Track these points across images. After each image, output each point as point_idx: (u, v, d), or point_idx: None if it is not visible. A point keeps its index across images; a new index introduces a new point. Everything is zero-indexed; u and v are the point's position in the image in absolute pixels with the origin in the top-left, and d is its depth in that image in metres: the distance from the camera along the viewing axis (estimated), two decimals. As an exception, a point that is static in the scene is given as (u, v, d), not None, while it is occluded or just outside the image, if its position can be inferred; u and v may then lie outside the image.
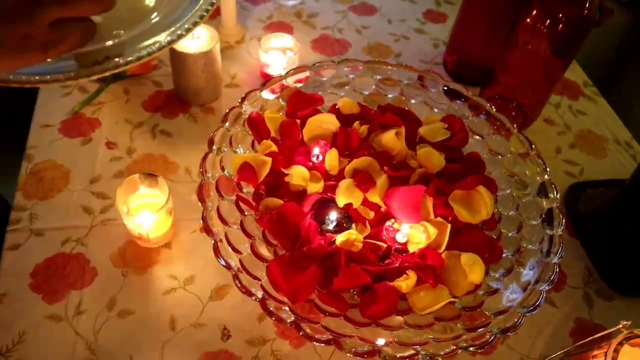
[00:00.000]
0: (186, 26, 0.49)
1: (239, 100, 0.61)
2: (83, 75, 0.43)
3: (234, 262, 0.50)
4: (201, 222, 0.51)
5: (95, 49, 0.45)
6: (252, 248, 0.52)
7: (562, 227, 0.54)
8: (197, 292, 0.58)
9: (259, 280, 0.49)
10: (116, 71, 0.44)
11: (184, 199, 0.65)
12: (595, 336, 0.47)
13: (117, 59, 0.45)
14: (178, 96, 0.77)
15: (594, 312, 0.60)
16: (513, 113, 0.78)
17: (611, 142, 0.80)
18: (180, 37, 0.48)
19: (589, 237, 0.65)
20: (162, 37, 0.48)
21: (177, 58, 0.71)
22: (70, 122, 0.72)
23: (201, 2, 0.51)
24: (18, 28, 0.35)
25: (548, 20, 0.65)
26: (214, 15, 0.89)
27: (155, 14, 0.51)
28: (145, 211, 0.58)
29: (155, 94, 0.77)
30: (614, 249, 0.64)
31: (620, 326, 0.44)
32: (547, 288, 0.49)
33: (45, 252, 0.59)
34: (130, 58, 0.45)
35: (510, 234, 0.57)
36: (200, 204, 0.52)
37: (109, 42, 0.46)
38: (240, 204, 0.56)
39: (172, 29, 0.49)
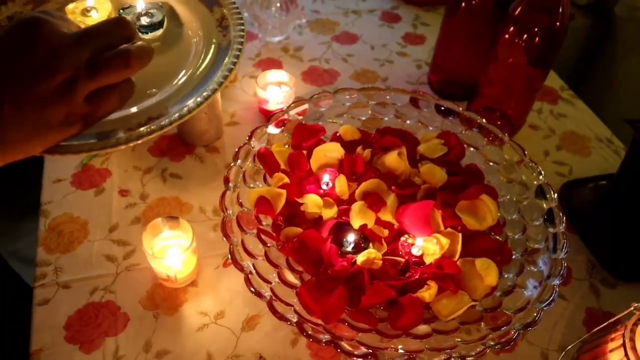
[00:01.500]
0: (224, 74, 0.51)
1: (247, 138, 0.65)
2: (134, 138, 0.45)
3: (266, 292, 0.52)
4: (228, 256, 0.54)
5: (139, 111, 0.47)
6: (280, 277, 0.55)
7: (564, 225, 0.58)
8: (229, 325, 0.60)
9: (292, 305, 0.52)
10: (161, 132, 0.46)
11: (202, 237, 0.68)
12: (610, 321, 0.51)
13: (161, 120, 0.47)
14: (182, 139, 0.80)
15: (601, 300, 0.64)
16: (499, 122, 0.83)
17: (593, 141, 0.85)
18: (214, 91, 0.50)
19: (587, 231, 0.70)
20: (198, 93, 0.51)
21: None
22: (81, 175, 0.75)
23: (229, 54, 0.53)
24: (58, 109, 0.39)
25: (524, 35, 0.71)
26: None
27: (183, 72, 0.54)
28: (171, 253, 0.60)
29: (160, 139, 0.80)
30: (612, 239, 0.68)
31: (632, 308, 0.47)
32: (558, 282, 0.53)
33: (75, 303, 0.61)
34: (174, 117, 0.47)
35: (516, 236, 0.61)
36: (225, 239, 0.55)
37: (148, 103, 0.49)
38: (262, 236, 0.59)
39: (209, 82, 0.51)
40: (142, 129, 0.47)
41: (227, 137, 0.81)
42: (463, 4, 0.79)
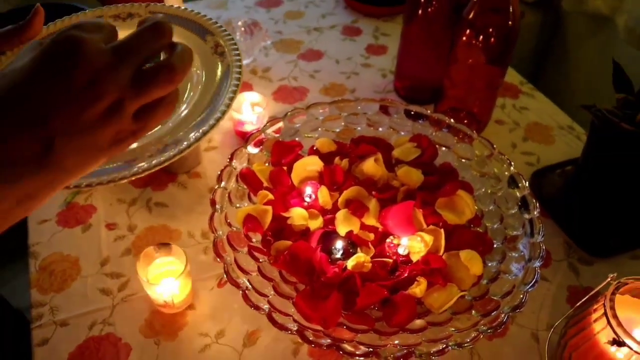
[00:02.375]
0: (225, 101, 0.53)
1: (228, 159, 0.67)
2: (155, 166, 0.46)
3: (264, 305, 0.54)
4: (223, 276, 0.55)
5: (154, 139, 0.48)
6: (276, 289, 0.57)
7: (538, 210, 0.61)
8: (230, 343, 0.61)
9: (290, 315, 0.54)
10: (175, 158, 0.47)
11: (194, 260, 0.69)
12: (590, 294, 0.54)
13: (177, 146, 0.47)
14: (163, 168, 0.81)
15: (581, 277, 0.67)
16: (465, 121, 0.87)
17: (556, 129, 0.90)
18: (218, 119, 0.51)
19: (560, 214, 0.73)
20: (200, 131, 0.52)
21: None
22: (66, 213, 0.75)
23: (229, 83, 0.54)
24: (107, 131, 0.37)
25: (480, 36, 0.75)
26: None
27: (185, 106, 0.56)
28: (166, 279, 0.61)
29: (141, 170, 0.81)
30: (583, 220, 0.72)
31: (609, 279, 0.51)
32: (539, 264, 0.56)
33: (74, 339, 0.62)
34: (185, 144, 0.47)
35: (495, 226, 0.64)
36: (218, 260, 0.57)
37: (161, 131, 0.50)
38: (254, 252, 0.60)
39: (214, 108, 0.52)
40: (170, 152, 0.47)
41: (207, 162, 0.83)
42: (420, 12, 0.83)
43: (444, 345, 0.50)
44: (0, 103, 0.32)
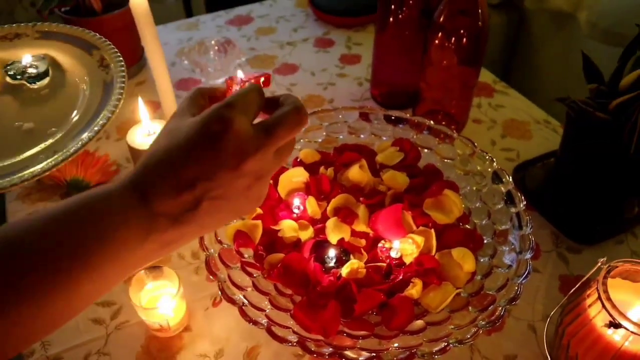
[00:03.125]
0: (101, 122, 0.59)
1: (214, 178, 0.66)
2: (41, 172, 0.54)
3: (263, 319, 0.54)
4: (219, 293, 0.55)
5: (45, 147, 0.57)
6: (272, 303, 0.57)
7: (524, 203, 0.62)
8: (230, 361, 0.61)
9: (290, 327, 0.54)
10: (58, 166, 0.55)
11: (186, 281, 0.68)
12: (582, 280, 0.55)
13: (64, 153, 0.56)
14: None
15: (571, 266, 0.69)
16: (443, 123, 0.88)
17: (532, 124, 0.91)
18: (97, 132, 0.59)
19: (545, 206, 0.75)
20: (85, 135, 0.59)
21: (138, 155, 0.75)
22: (51, 246, 0.74)
23: (112, 98, 0.62)
24: (248, 200, 0.42)
25: (452, 38, 0.76)
26: (155, 108, 0.94)
27: (75, 112, 0.63)
28: (160, 302, 0.61)
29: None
30: (568, 209, 0.73)
31: (599, 264, 0.51)
32: (530, 256, 0.57)
33: (70, 373, 0.60)
34: (67, 152, 0.56)
35: (483, 222, 0.65)
36: (212, 277, 0.56)
37: (50, 141, 0.59)
38: (247, 268, 0.60)
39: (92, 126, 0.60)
40: (50, 160, 0.55)
41: (191, 182, 0.82)
42: (391, 19, 0.84)
43: (445, 344, 0.51)
44: (169, 162, 0.38)
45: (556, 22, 1.37)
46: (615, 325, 0.47)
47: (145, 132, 0.76)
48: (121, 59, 0.65)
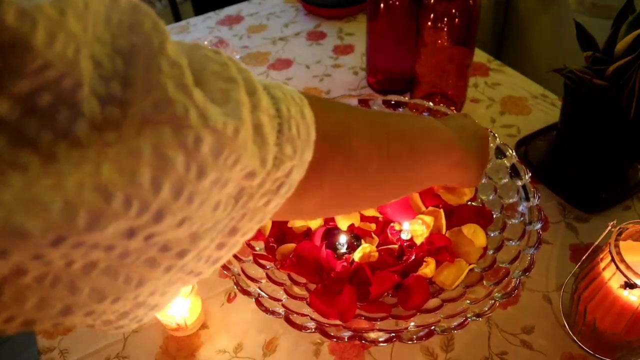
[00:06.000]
0: None
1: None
2: None
3: (280, 309, 0.54)
4: (234, 288, 0.55)
5: None
6: (287, 292, 0.57)
7: (529, 175, 0.62)
8: (250, 354, 0.61)
9: (307, 315, 0.54)
10: None
11: (200, 279, 0.68)
12: (594, 245, 0.56)
13: None
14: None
15: (580, 235, 0.69)
16: (442, 104, 0.88)
17: (530, 99, 0.92)
18: None
19: (549, 178, 0.75)
20: None
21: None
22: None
23: None
24: None
25: (445, 19, 0.76)
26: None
27: None
28: (175, 301, 0.61)
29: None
30: (572, 179, 0.73)
31: (610, 227, 0.52)
32: (540, 226, 0.57)
33: (91, 379, 0.61)
34: None
35: (490, 197, 0.65)
36: (225, 272, 0.56)
37: None
38: (260, 260, 0.60)
39: None
40: None
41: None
42: (382, 6, 0.85)
43: (463, 319, 0.51)
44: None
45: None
46: (630, 285, 0.47)
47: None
48: None
